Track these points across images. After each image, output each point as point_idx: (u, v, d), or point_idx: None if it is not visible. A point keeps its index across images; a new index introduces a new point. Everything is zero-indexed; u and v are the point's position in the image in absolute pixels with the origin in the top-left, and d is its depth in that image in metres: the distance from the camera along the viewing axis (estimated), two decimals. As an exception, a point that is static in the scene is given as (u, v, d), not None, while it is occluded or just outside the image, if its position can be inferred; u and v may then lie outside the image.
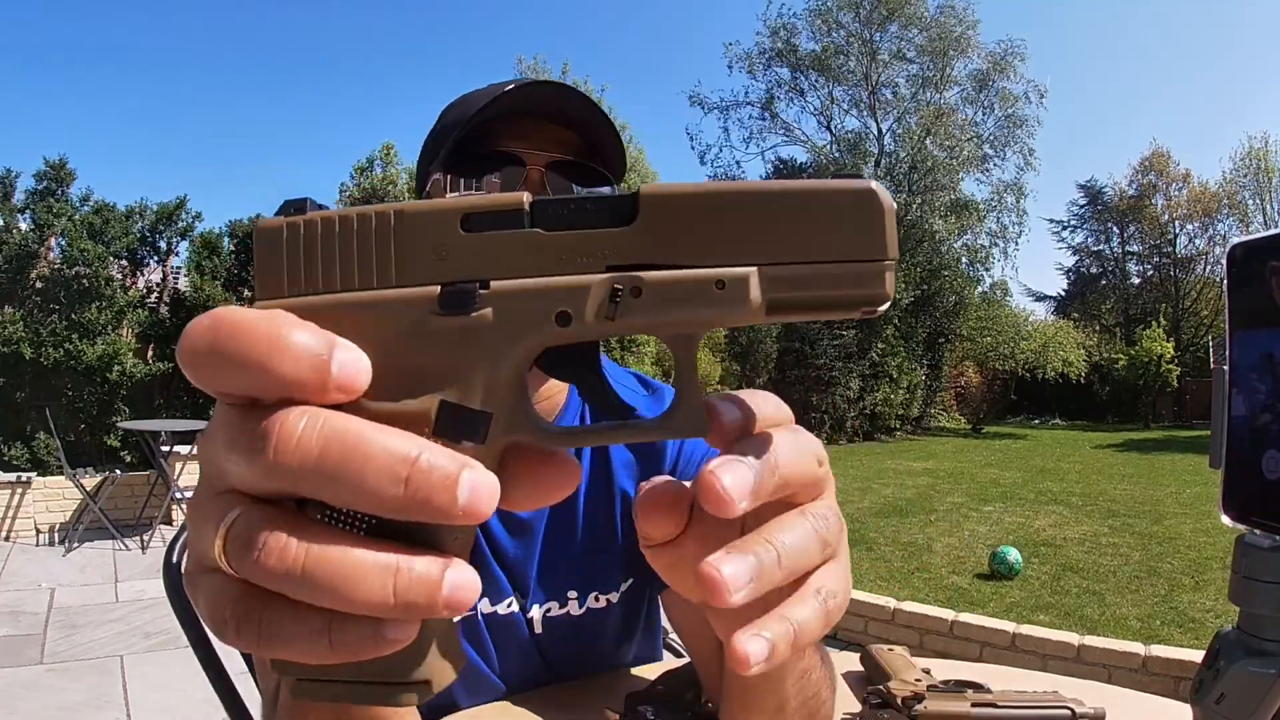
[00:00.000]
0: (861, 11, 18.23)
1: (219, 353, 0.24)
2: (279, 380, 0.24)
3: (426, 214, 0.27)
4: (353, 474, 0.23)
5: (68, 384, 7.48)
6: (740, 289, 0.27)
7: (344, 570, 0.24)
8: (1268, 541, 0.47)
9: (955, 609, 4.00)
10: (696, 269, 0.27)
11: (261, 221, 0.27)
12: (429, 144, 0.93)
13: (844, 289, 0.28)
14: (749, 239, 0.27)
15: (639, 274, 0.27)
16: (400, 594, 0.24)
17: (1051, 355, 17.63)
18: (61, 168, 8.05)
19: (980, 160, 18.89)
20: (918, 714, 0.80)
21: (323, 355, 0.24)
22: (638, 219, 0.27)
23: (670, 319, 0.28)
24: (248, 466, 0.24)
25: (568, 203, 0.28)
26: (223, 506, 0.25)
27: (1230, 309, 0.49)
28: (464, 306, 0.27)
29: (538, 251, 0.27)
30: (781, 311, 0.28)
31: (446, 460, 0.24)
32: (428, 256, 0.27)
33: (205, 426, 0.28)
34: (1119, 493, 8.53)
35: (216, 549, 0.25)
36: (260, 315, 0.25)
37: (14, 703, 3.27)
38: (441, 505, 0.24)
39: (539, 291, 0.27)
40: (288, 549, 0.24)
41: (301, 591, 0.24)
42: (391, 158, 12.61)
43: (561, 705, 0.88)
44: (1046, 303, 25.33)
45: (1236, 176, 21.40)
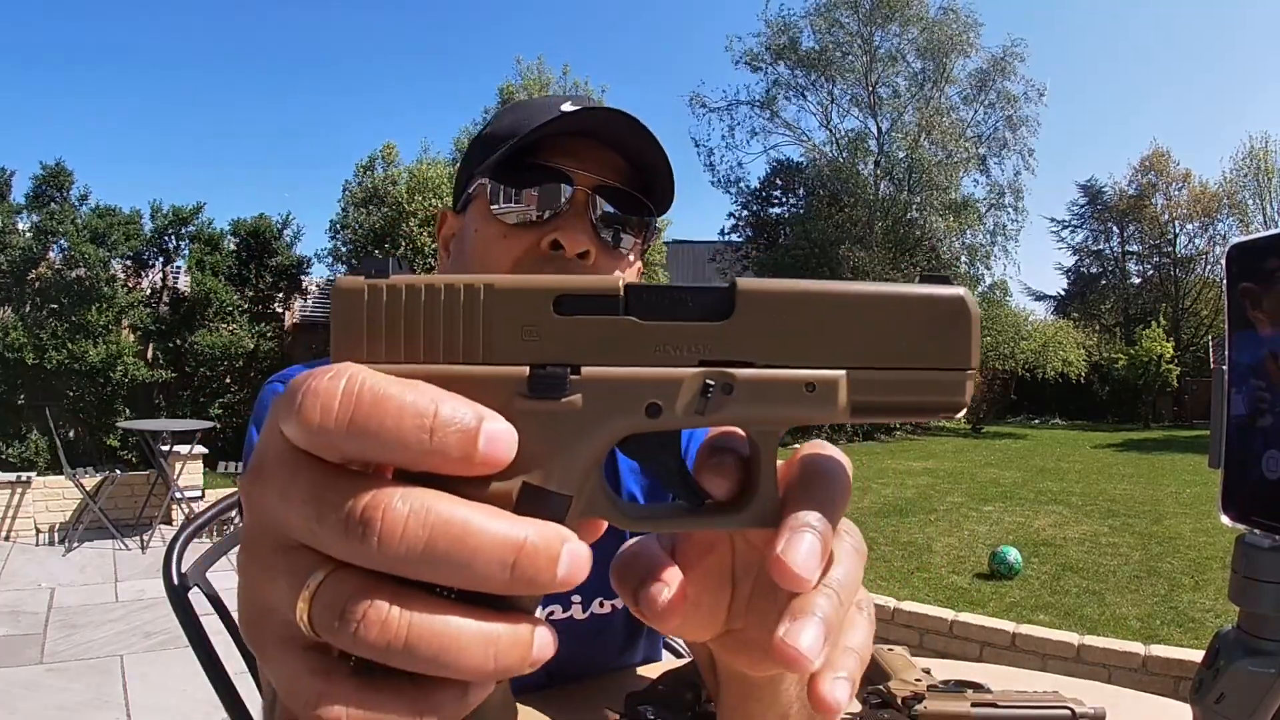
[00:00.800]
0: (861, 10, 18.22)
1: (360, 426, 0.23)
2: (422, 456, 0.24)
3: (518, 291, 0.27)
4: (461, 563, 0.23)
5: (69, 385, 7.48)
6: (830, 392, 0.28)
7: (447, 641, 0.23)
8: (1268, 541, 0.47)
9: (955, 609, 4.00)
10: (789, 369, 0.28)
11: (341, 280, 0.26)
12: (476, 146, 0.92)
13: (926, 395, 0.29)
14: (840, 341, 0.28)
15: (732, 371, 0.27)
16: (500, 659, 0.24)
17: (1051, 355, 17.62)
18: (59, 171, 8.05)
19: (980, 160, 18.89)
20: (918, 714, 0.80)
21: (472, 429, 0.24)
22: (734, 314, 0.27)
23: (758, 416, 0.28)
24: (341, 543, 0.23)
25: (663, 291, 0.27)
26: (297, 564, 0.24)
27: (1230, 309, 0.49)
28: (554, 392, 0.26)
29: (631, 339, 0.27)
30: (865, 413, 0.28)
31: (551, 539, 0.24)
32: (516, 335, 0.26)
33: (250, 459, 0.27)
34: (1119, 493, 8.53)
35: (300, 614, 0.24)
36: (401, 385, 0.24)
37: (14, 703, 3.27)
38: (543, 583, 0.24)
39: (630, 382, 0.27)
40: (390, 621, 0.23)
41: (403, 661, 0.23)
42: (392, 157, 12.61)
43: (561, 705, 0.88)
44: (1046, 302, 25.36)
45: (1236, 176, 21.41)
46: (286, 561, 0.25)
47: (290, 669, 0.25)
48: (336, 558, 0.24)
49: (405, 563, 0.23)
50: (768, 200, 20.72)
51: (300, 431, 0.24)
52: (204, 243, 8.66)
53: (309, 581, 0.24)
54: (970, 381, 0.29)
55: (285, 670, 0.25)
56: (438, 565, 0.23)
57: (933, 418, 0.29)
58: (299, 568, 0.24)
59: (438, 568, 0.23)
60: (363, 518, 0.23)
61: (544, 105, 0.89)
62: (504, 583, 0.24)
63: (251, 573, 0.26)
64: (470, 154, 0.93)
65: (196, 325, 8.41)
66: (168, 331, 8.41)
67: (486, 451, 0.24)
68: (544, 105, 0.89)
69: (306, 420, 0.23)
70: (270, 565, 0.25)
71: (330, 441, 0.24)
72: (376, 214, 11.36)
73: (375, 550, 0.23)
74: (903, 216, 17.92)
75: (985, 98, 19.14)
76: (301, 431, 0.24)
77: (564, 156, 0.83)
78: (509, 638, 0.24)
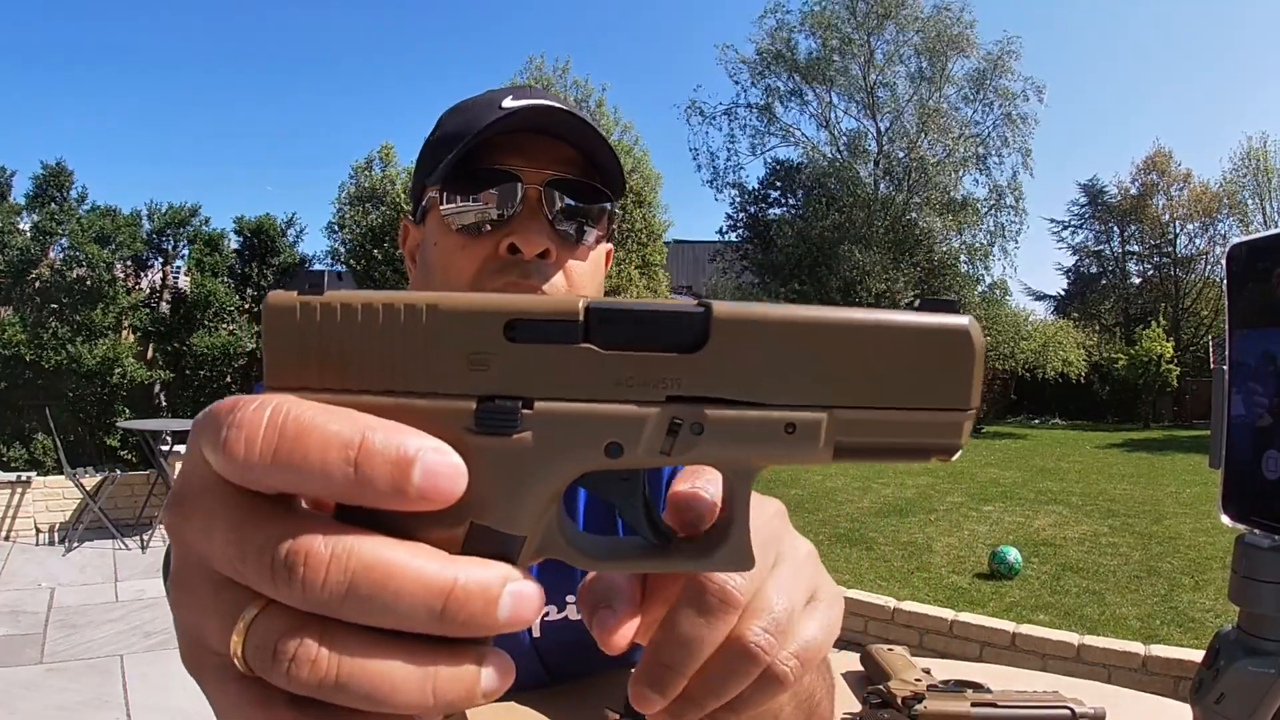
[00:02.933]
0: (858, 12, 18.22)
1: (283, 459, 0.22)
2: (348, 488, 0.22)
3: (465, 314, 0.24)
4: (385, 606, 0.22)
5: (69, 385, 7.48)
6: (810, 433, 0.25)
7: (379, 680, 0.23)
8: (1268, 541, 0.47)
9: (955, 609, 4.00)
10: (765, 408, 0.25)
11: (273, 296, 0.24)
12: (425, 153, 0.91)
13: (918, 438, 0.26)
14: (825, 376, 0.25)
15: (703, 409, 0.25)
16: (439, 695, 0.23)
17: (1051, 355, 17.62)
18: (60, 171, 8.05)
19: (980, 159, 18.90)
20: (918, 714, 0.80)
21: (406, 459, 0.22)
22: (708, 343, 0.25)
23: (731, 457, 0.26)
24: (265, 584, 0.23)
25: (629, 315, 0.25)
26: (227, 600, 0.24)
27: (1230, 309, 0.49)
28: (504, 427, 0.24)
29: (591, 371, 0.24)
30: (849, 456, 0.26)
31: (487, 579, 0.23)
32: (463, 363, 0.24)
33: (173, 489, 0.26)
34: (1119, 493, 8.53)
35: (234, 647, 0.23)
36: (329, 414, 0.23)
37: (14, 703, 3.27)
38: (483, 625, 0.23)
39: (589, 418, 0.24)
40: (319, 661, 0.22)
41: (338, 699, 0.23)
42: (390, 158, 12.60)
43: (561, 705, 0.88)
44: (1046, 302, 25.33)
45: (1236, 176, 21.40)
46: (216, 598, 0.24)
47: (228, 700, 0.24)
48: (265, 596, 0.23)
49: (329, 606, 0.22)
50: (766, 201, 20.72)
51: (224, 463, 0.23)
52: (204, 243, 8.65)
53: (242, 616, 0.23)
54: (968, 422, 0.26)
55: (224, 701, 0.24)
56: (361, 608, 0.22)
57: (924, 460, 0.27)
58: (229, 604, 0.24)
59: (362, 611, 0.22)
60: (286, 561, 0.22)
61: (486, 103, 0.87)
62: (435, 627, 0.23)
63: (184, 605, 0.25)
64: (421, 161, 0.91)
65: (196, 326, 8.41)
66: (167, 333, 8.41)
67: (423, 485, 0.22)
68: (486, 103, 0.87)
69: (230, 452, 0.23)
70: (201, 599, 0.25)
71: (254, 475, 0.23)
72: (374, 213, 11.37)
73: (300, 593, 0.22)
74: (902, 216, 17.92)
75: (983, 96, 19.15)
76: (225, 463, 0.23)
77: (512, 155, 0.82)
78: (449, 674, 0.23)
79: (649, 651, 0.32)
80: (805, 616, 0.35)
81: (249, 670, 0.24)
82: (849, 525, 6.69)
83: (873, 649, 0.97)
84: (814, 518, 6.91)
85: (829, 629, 0.36)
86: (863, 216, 17.60)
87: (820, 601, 0.37)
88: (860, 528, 6.58)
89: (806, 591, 0.36)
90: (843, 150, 18.91)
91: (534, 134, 0.83)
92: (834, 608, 0.37)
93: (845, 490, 8.37)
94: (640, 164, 11.92)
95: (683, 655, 0.31)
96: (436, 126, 0.92)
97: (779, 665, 0.33)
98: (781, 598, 0.34)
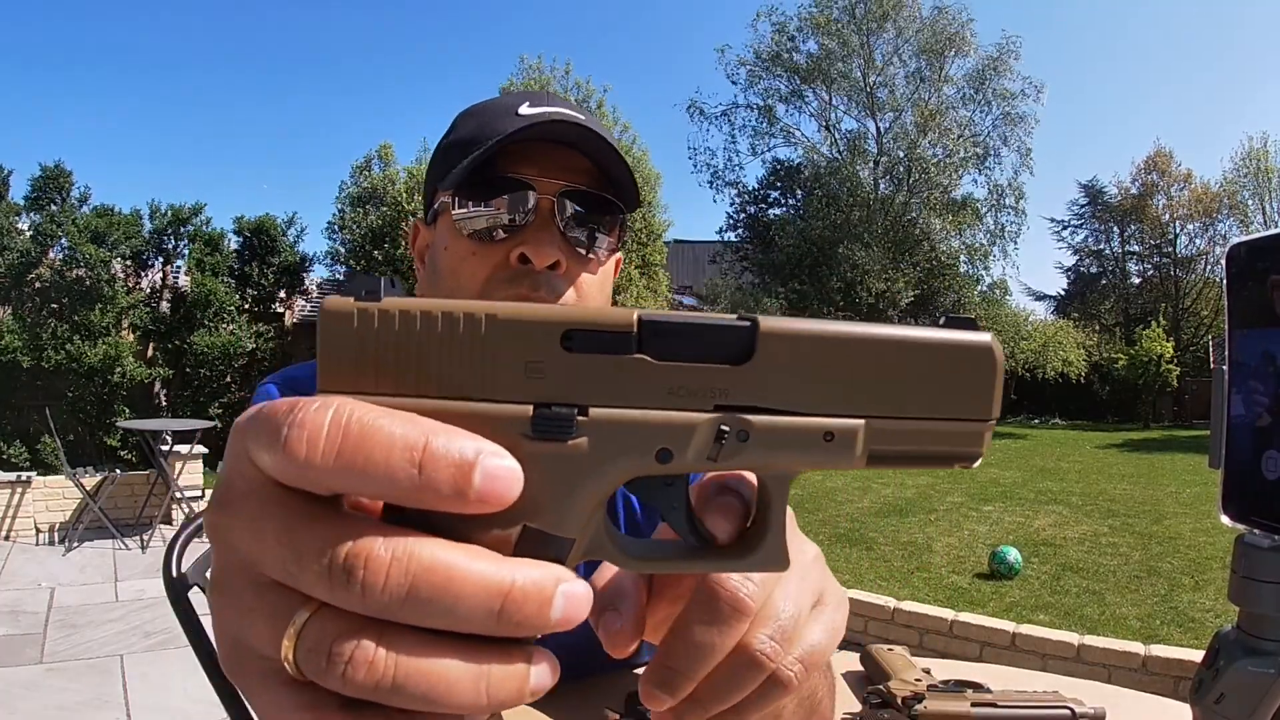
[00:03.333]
0: (857, 14, 18.22)
1: (347, 460, 0.22)
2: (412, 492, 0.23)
3: (523, 324, 0.25)
4: (445, 608, 0.23)
5: (69, 385, 7.48)
6: (848, 442, 0.27)
7: (436, 680, 0.23)
8: (1268, 541, 0.47)
9: (955, 609, 4.00)
10: (807, 417, 0.27)
11: (330, 301, 0.24)
12: (439, 156, 0.90)
13: (944, 446, 0.28)
14: (861, 388, 0.27)
15: (748, 418, 0.26)
16: (493, 694, 0.24)
17: (1051, 355, 17.62)
18: (59, 173, 8.05)
19: (980, 160, 18.90)
20: (918, 714, 0.80)
21: (467, 464, 0.23)
22: (754, 356, 0.26)
23: (773, 463, 0.27)
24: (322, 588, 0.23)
25: (679, 327, 0.26)
26: (277, 604, 0.24)
27: (1230, 309, 0.49)
28: (560, 433, 0.25)
29: (643, 381, 0.25)
30: (880, 463, 0.28)
31: (542, 581, 0.24)
32: (521, 371, 0.25)
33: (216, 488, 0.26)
34: (1119, 493, 8.53)
35: (285, 651, 0.23)
36: (392, 417, 0.23)
37: (14, 703, 3.27)
38: (537, 625, 0.24)
39: (642, 426, 0.25)
40: (376, 662, 0.22)
41: (392, 700, 0.23)
42: (389, 157, 12.60)
43: (561, 705, 0.88)
44: (1046, 302, 25.34)
45: (1236, 177, 21.40)
46: (265, 602, 0.24)
47: (276, 705, 0.24)
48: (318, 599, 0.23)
49: (389, 609, 0.22)
50: (766, 201, 20.72)
51: (284, 464, 0.23)
52: (204, 243, 8.65)
53: (293, 620, 0.23)
54: (989, 432, 0.28)
55: (271, 706, 0.24)
56: (422, 611, 0.23)
57: (948, 468, 0.29)
58: (278, 607, 0.24)
59: (422, 613, 0.23)
60: (345, 565, 0.22)
61: (502, 108, 0.86)
62: (492, 627, 0.23)
63: (227, 612, 0.25)
64: (434, 163, 0.91)
65: (196, 325, 8.41)
66: (167, 332, 8.42)
67: (483, 489, 0.23)
68: (502, 108, 0.86)
69: (292, 453, 0.22)
70: (248, 605, 0.24)
71: (315, 476, 0.23)
72: (375, 213, 11.37)
73: (359, 597, 0.22)
74: (901, 216, 17.92)
75: (983, 96, 19.15)
76: (286, 464, 0.23)
77: (525, 164, 0.81)
78: (501, 673, 0.24)
79: (660, 653, 0.32)
80: (810, 621, 0.35)
81: (299, 674, 0.23)
82: (849, 525, 6.69)
83: (873, 649, 0.97)
84: (814, 518, 6.92)
85: (833, 633, 0.36)
86: (862, 216, 17.60)
87: (826, 605, 0.37)
88: (860, 528, 6.58)
89: (813, 596, 0.36)
90: (842, 150, 18.92)
91: (549, 143, 0.82)
92: (839, 611, 0.37)
93: (845, 490, 8.37)
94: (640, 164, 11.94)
95: (692, 661, 0.32)
96: (451, 129, 0.91)
97: (784, 671, 0.33)
98: (788, 604, 0.34)
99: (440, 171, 0.87)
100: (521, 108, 0.84)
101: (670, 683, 0.32)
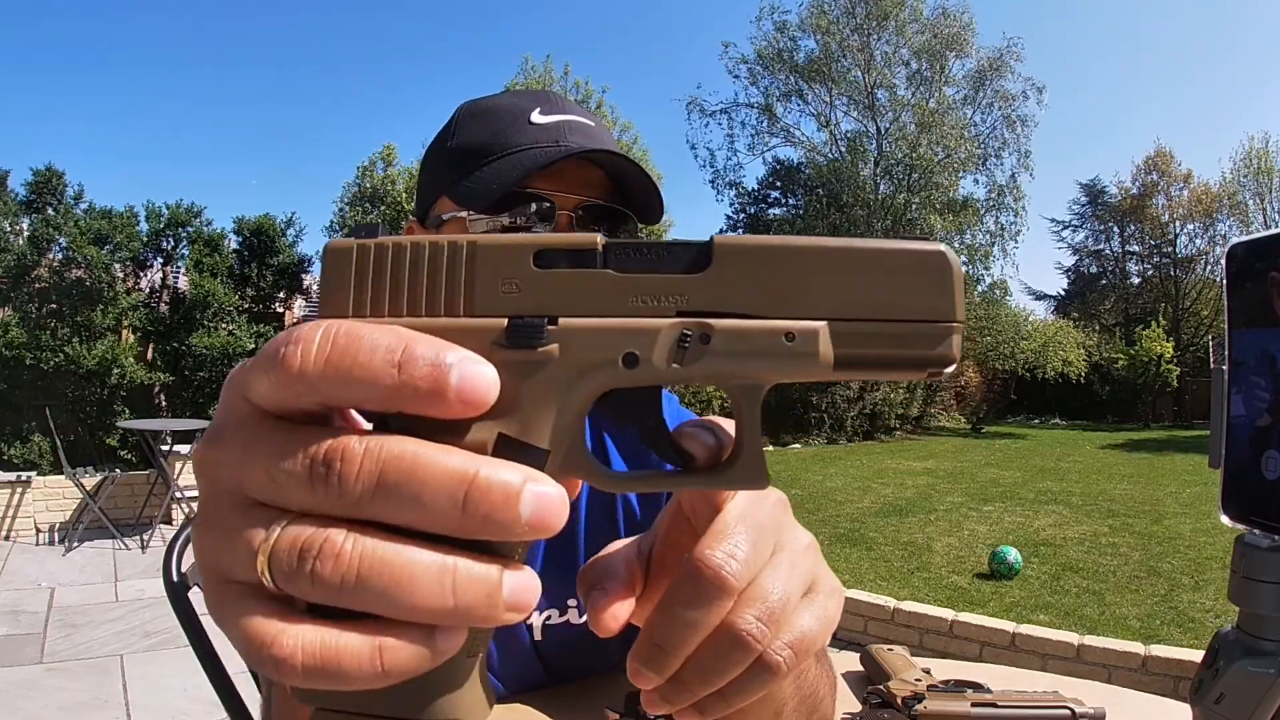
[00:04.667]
0: (857, 14, 18.23)
1: (334, 365, 0.24)
2: (391, 391, 0.24)
3: (499, 247, 0.27)
4: (410, 496, 0.23)
5: (69, 385, 7.48)
6: (810, 342, 0.27)
7: (399, 572, 0.23)
8: (1267, 541, 0.47)
9: (955, 609, 4.01)
10: (767, 319, 0.27)
11: (333, 241, 0.27)
12: (442, 158, 0.88)
13: (911, 349, 0.28)
14: (819, 294, 0.28)
15: (709, 320, 0.27)
16: (459, 595, 0.24)
17: (1051, 355, 17.62)
18: (51, 175, 8.04)
19: (980, 160, 18.90)
20: (918, 714, 0.80)
21: (442, 365, 0.24)
22: (710, 267, 0.27)
23: (738, 369, 0.28)
24: (303, 489, 0.24)
25: (641, 247, 0.28)
26: (257, 520, 0.25)
27: (1230, 309, 0.49)
28: (531, 340, 0.26)
29: (608, 291, 0.27)
30: (850, 368, 0.28)
31: (508, 476, 0.24)
32: (497, 288, 0.27)
33: (206, 431, 0.27)
34: (1119, 493, 8.54)
35: (260, 564, 0.24)
36: (375, 327, 0.25)
37: (14, 703, 3.27)
38: (505, 522, 0.24)
39: (607, 331, 0.27)
40: (343, 555, 0.23)
41: (355, 598, 0.23)
42: (392, 158, 12.64)
43: (561, 705, 0.88)
44: (1046, 302, 25.36)
45: (1237, 176, 21.40)
46: (245, 519, 0.25)
47: (247, 621, 0.24)
48: (296, 509, 0.24)
49: (360, 501, 0.23)
50: (766, 201, 20.73)
51: (280, 379, 0.24)
52: (203, 244, 8.65)
53: (270, 531, 0.24)
54: (957, 335, 0.28)
55: (243, 624, 0.24)
56: (390, 500, 0.23)
57: (921, 374, 0.29)
58: (258, 523, 0.24)
59: (390, 503, 0.23)
60: (325, 459, 0.24)
61: (512, 113, 0.85)
62: (457, 519, 0.23)
63: (208, 540, 0.26)
64: (436, 166, 0.89)
65: (195, 326, 8.40)
66: (166, 333, 8.41)
67: (460, 387, 0.24)
68: (512, 113, 0.85)
69: (288, 364, 0.24)
70: (228, 526, 0.25)
71: (308, 386, 0.24)
72: (374, 213, 11.39)
73: (335, 490, 0.23)
74: (902, 216, 17.93)
75: (983, 97, 19.16)
76: (282, 378, 0.24)
77: (543, 178, 0.81)
78: (467, 571, 0.24)
79: (645, 630, 0.32)
80: (802, 608, 0.35)
81: (274, 588, 0.24)
82: (849, 525, 6.69)
83: (873, 649, 0.97)
84: (814, 518, 6.91)
85: (826, 621, 0.35)
86: (864, 216, 17.61)
87: (818, 593, 0.36)
88: (860, 528, 6.58)
89: (804, 582, 0.36)
90: (843, 151, 18.92)
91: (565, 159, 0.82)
92: (832, 600, 0.37)
93: (845, 490, 8.37)
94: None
95: (675, 637, 0.31)
96: (455, 129, 0.89)
97: (772, 655, 0.33)
98: (778, 586, 0.33)
99: (446, 176, 0.86)
100: (534, 114, 0.84)
101: (655, 659, 0.32)
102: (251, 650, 0.24)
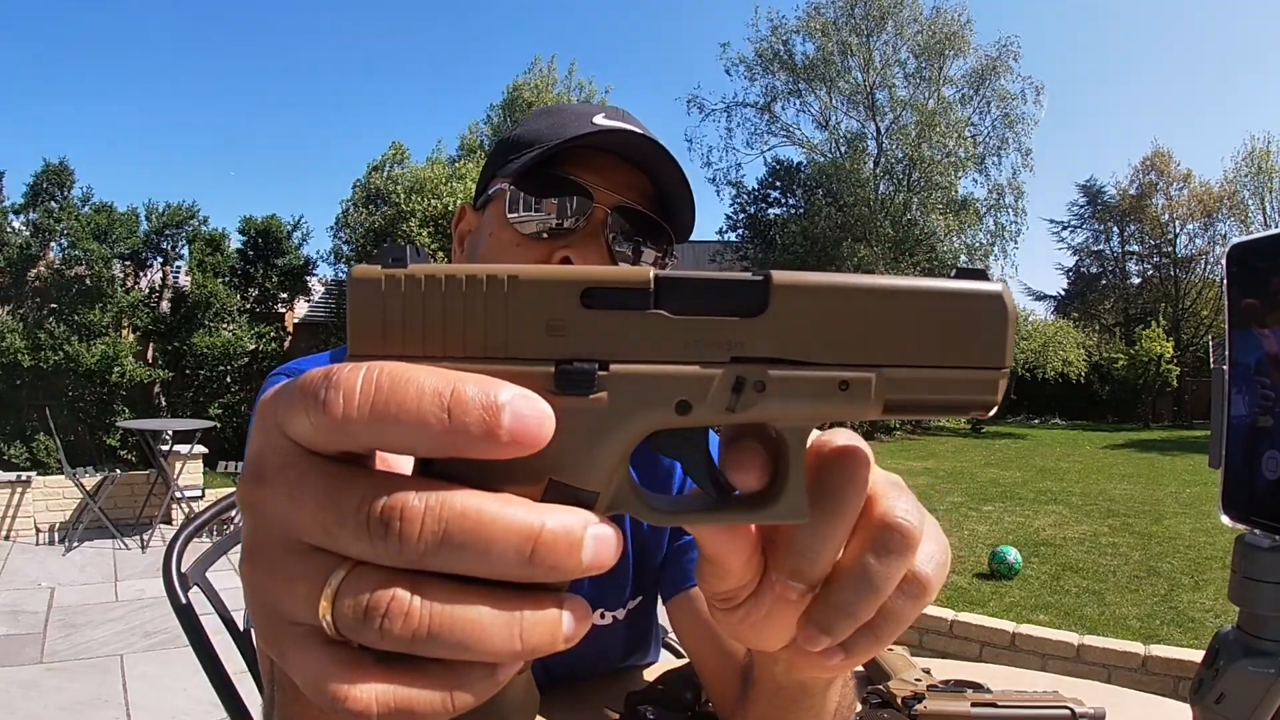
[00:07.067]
0: (855, 14, 18.22)
1: (380, 411, 0.23)
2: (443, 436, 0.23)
3: (544, 283, 0.25)
4: (478, 552, 0.23)
5: (68, 385, 7.48)
6: (863, 391, 0.27)
7: (470, 627, 0.23)
8: (1268, 541, 0.47)
9: (955, 609, 4.00)
10: (821, 368, 0.27)
11: (358, 270, 0.25)
12: (502, 147, 0.91)
13: (959, 394, 0.28)
14: (875, 340, 0.27)
15: (765, 369, 0.27)
16: (526, 639, 0.24)
17: (1051, 355, 17.64)
18: (62, 170, 8.04)
19: (979, 160, 18.90)
20: (918, 714, 0.80)
21: (494, 405, 0.23)
22: (768, 310, 0.27)
23: (790, 414, 0.28)
24: (360, 544, 0.23)
25: (695, 284, 0.26)
26: (312, 567, 0.24)
27: (1230, 309, 0.49)
28: (581, 388, 0.25)
29: (660, 334, 0.26)
30: (896, 410, 0.28)
31: (571, 524, 0.24)
32: (542, 330, 0.25)
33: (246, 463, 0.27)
34: (1119, 493, 8.53)
35: (323, 610, 0.24)
36: (420, 369, 0.24)
37: (14, 703, 3.27)
38: (567, 569, 0.24)
39: (660, 379, 0.26)
40: (412, 612, 0.23)
41: (429, 650, 0.23)
42: (401, 157, 12.66)
43: (561, 705, 0.88)
44: (1046, 302, 25.36)
45: (1237, 177, 21.39)
46: (300, 565, 0.24)
47: (314, 666, 0.24)
48: (354, 557, 0.24)
49: (424, 558, 0.23)
50: (766, 200, 20.72)
51: (323, 424, 0.23)
52: (205, 243, 8.65)
53: (330, 581, 0.24)
54: (1003, 380, 0.28)
55: (309, 669, 0.24)
56: (455, 557, 0.23)
57: (964, 415, 0.29)
58: (315, 570, 0.24)
59: (456, 559, 0.23)
60: (382, 517, 0.23)
61: (578, 114, 0.87)
62: (524, 571, 0.24)
63: (261, 581, 0.26)
64: (496, 153, 0.92)
65: (196, 325, 8.40)
66: (167, 332, 8.41)
67: (513, 428, 0.23)
68: (578, 114, 0.87)
69: (331, 411, 0.23)
70: (283, 571, 0.25)
71: (353, 432, 0.23)
72: (377, 214, 11.39)
73: (396, 547, 0.23)
74: (902, 216, 17.93)
75: (982, 96, 19.16)
76: (324, 424, 0.23)
77: (588, 171, 0.82)
78: (533, 618, 0.24)
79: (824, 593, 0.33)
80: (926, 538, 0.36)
81: (336, 634, 0.24)
82: (849, 525, 6.67)
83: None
84: (814, 518, 6.90)
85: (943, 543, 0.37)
86: (865, 215, 17.61)
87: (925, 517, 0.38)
88: (860, 528, 6.58)
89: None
90: (842, 151, 18.92)
91: (616, 157, 0.83)
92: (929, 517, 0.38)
93: (845, 490, 8.35)
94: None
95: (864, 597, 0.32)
96: (520, 123, 0.92)
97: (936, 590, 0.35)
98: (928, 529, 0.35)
99: (501, 161, 0.88)
100: (597, 117, 0.85)
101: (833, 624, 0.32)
102: (321, 699, 0.24)
